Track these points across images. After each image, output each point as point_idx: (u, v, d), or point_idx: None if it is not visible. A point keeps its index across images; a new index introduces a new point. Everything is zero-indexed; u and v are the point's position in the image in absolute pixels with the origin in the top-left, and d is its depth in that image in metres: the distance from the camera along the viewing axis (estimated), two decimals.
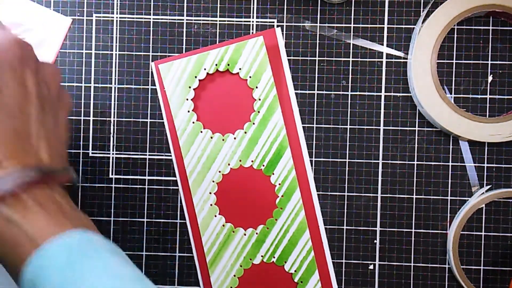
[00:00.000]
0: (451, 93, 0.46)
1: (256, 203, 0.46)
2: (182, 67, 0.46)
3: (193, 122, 0.46)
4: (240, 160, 0.46)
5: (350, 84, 0.46)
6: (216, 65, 0.46)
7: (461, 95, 0.46)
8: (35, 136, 0.34)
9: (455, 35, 0.46)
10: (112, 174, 0.47)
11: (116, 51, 0.47)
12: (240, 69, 0.46)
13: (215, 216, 0.46)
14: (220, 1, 0.47)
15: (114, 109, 0.47)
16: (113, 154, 0.47)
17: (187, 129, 0.46)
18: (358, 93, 0.46)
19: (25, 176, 0.31)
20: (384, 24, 0.46)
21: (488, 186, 0.46)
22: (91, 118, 0.47)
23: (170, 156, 0.47)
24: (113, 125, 0.47)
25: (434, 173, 0.46)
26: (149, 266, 0.47)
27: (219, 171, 0.46)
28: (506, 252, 0.46)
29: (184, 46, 0.47)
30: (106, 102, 0.47)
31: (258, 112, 0.46)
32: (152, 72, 0.47)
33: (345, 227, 0.46)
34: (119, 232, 0.47)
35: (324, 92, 0.46)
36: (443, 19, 0.45)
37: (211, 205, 0.46)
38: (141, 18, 0.47)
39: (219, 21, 0.47)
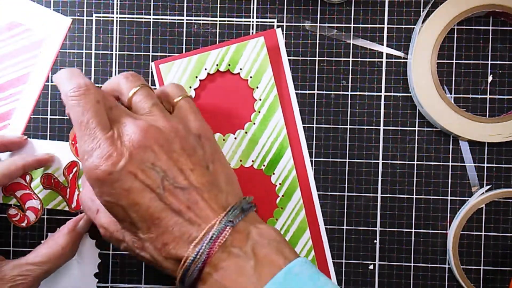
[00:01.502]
0: (451, 93, 0.46)
1: (257, 203, 0.46)
2: (183, 67, 0.46)
3: None
4: (240, 160, 0.46)
5: (350, 84, 0.46)
6: (217, 65, 0.46)
7: (461, 95, 0.46)
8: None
9: (455, 35, 0.46)
10: None
11: (116, 51, 0.47)
12: (241, 69, 0.46)
13: None
14: (220, 1, 0.47)
15: None
16: None
17: None
18: (358, 93, 0.46)
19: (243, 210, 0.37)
20: (384, 24, 0.46)
21: (488, 186, 0.46)
22: None
23: None
24: None
25: (434, 173, 0.46)
26: None
27: None
28: (506, 252, 0.46)
29: (184, 46, 0.47)
30: None
31: (259, 112, 0.46)
32: (152, 72, 0.47)
33: (345, 227, 0.46)
34: None
35: (324, 92, 0.46)
36: (443, 19, 0.45)
37: None
38: (141, 18, 0.47)
39: (219, 21, 0.47)
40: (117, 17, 0.47)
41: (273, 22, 0.46)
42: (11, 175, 0.44)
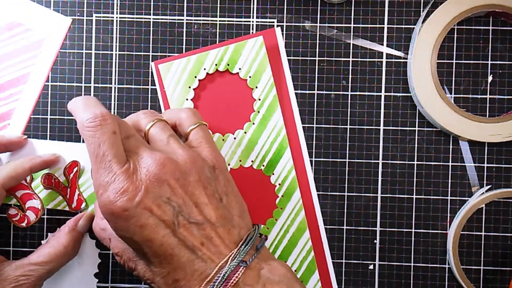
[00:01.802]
0: (451, 93, 0.46)
1: (256, 203, 0.46)
2: (182, 67, 0.46)
3: None
4: (240, 160, 0.46)
5: (350, 84, 0.46)
6: (216, 65, 0.46)
7: (461, 95, 0.46)
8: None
9: (455, 35, 0.46)
10: None
11: (116, 51, 0.47)
12: (240, 69, 0.46)
13: None
14: (220, 1, 0.47)
15: (114, 109, 0.47)
16: None
17: None
18: (358, 93, 0.46)
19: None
20: (384, 24, 0.46)
21: (488, 186, 0.46)
22: None
23: None
24: None
25: (434, 173, 0.46)
26: None
27: None
28: (506, 252, 0.46)
29: (184, 46, 0.47)
30: (106, 102, 0.47)
31: (258, 112, 0.46)
32: (152, 72, 0.47)
33: (345, 227, 0.46)
34: None
35: (324, 92, 0.46)
36: (443, 19, 0.45)
37: None
38: (141, 18, 0.47)
39: (219, 21, 0.47)
40: (117, 17, 0.47)
41: (273, 22, 0.46)
42: (18, 177, 0.44)
